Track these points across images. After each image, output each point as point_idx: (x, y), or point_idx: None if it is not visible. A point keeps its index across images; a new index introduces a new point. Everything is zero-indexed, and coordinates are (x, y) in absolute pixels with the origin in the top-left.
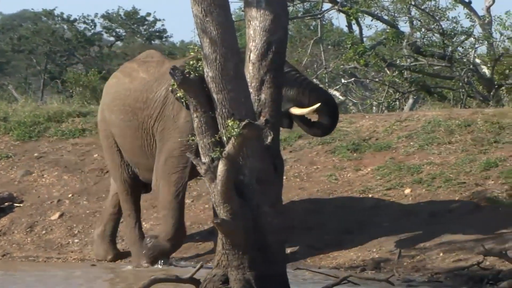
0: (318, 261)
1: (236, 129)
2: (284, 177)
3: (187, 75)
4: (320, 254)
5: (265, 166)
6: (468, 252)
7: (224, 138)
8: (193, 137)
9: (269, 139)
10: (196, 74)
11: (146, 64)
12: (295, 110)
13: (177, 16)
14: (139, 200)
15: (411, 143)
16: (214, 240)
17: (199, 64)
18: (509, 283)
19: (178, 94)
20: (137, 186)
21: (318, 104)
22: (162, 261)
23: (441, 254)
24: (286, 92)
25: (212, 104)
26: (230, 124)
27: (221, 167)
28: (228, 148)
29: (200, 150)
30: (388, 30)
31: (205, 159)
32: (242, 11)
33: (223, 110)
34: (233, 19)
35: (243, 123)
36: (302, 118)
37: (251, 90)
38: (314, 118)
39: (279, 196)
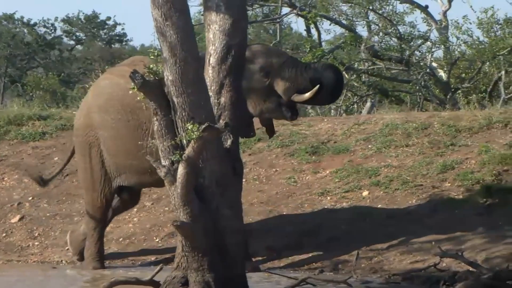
0: (277, 263)
1: (196, 132)
2: (244, 180)
3: (147, 79)
4: (279, 256)
5: (224, 169)
6: (425, 253)
7: (184, 141)
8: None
9: (229, 142)
10: (156, 78)
11: (139, 66)
12: (298, 97)
13: (137, 20)
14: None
15: (369, 146)
16: (174, 242)
17: (159, 67)
18: (465, 284)
19: (138, 98)
20: (112, 200)
21: (317, 87)
22: None
23: (398, 256)
24: (286, 80)
25: (172, 108)
26: (190, 127)
27: (181, 170)
28: (188, 151)
29: (160, 153)
30: (346, 34)
31: (165, 162)
32: (202, 15)
33: (183, 114)
34: (193, 23)
35: (203, 126)
36: (307, 101)
37: (210, 94)
38: None
39: (238, 198)
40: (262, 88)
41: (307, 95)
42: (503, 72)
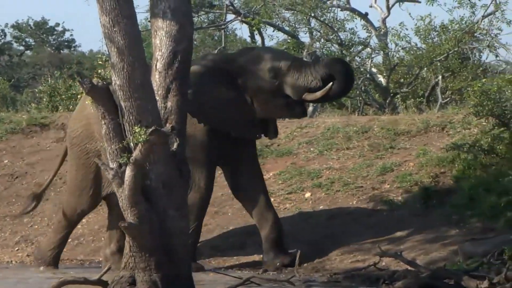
0: (222, 262)
1: (143, 136)
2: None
3: (96, 83)
4: (224, 256)
5: (171, 171)
6: (365, 253)
7: (132, 144)
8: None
9: (175, 145)
10: (104, 82)
11: None
12: (309, 96)
13: (86, 26)
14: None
15: (311, 148)
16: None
17: (107, 72)
18: (404, 283)
19: (86, 102)
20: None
21: (330, 84)
22: None
23: (339, 255)
24: (295, 81)
25: (120, 111)
26: (137, 130)
27: (128, 172)
28: (135, 154)
29: (108, 156)
30: (289, 41)
31: (113, 164)
32: (149, 21)
33: (131, 117)
34: (140, 29)
35: (150, 129)
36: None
37: (157, 98)
38: None
39: (184, 200)
40: (271, 89)
41: (319, 93)
42: (440, 77)
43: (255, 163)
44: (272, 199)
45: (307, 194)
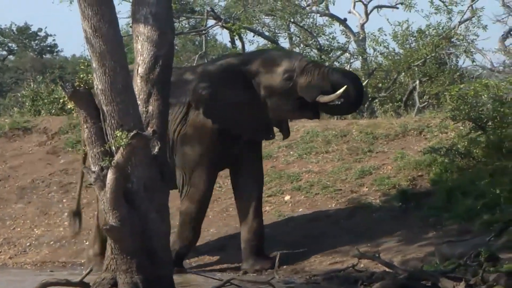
0: (202, 264)
1: (124, 139)
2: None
3: (78, 88)
4: (205, 258)
5: (152, 174)
6: (343, 255)
7: (113, 148)
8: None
9: (156, 148)
10: (86, 87)
11: None
12: (323, 98)
13: (68, 31)
14: None
15: (291, 152)
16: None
17: (89, 77)
18: (381, 284)
19: (69, 106)
20: None
21: (344, 87)
22: None
23: (318, 257)
24: (309, 82)
25: (102, 115)
26: (119, 134)
27: (110, 175)
28: (117, 157)
29: (90, 159)
30: (269, 46)
31: (95, 168)
32: (130, 26)
33: (112, 121)
34: (122, 34)
35: (132, 133)
36: (327, 104)
37: (139, 102)
38: None
39: (165, 203)
40: (285, 91)
41: (333, 95)
42: (417, 82)
43: (257, 165)
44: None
45: (287, 197)
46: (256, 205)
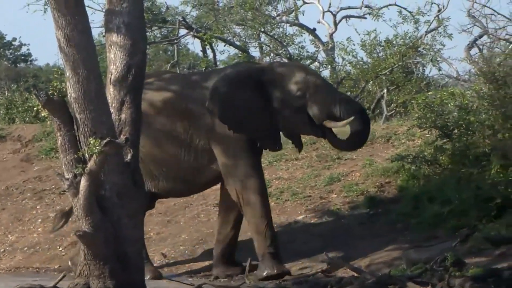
0: (174, 269)
1: (97, 147)
2: None
3: (51, 96)
4: (176, 263)
5: (125, 181)
6: (313, 260)
7: (87, 155)
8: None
9: (129, 156)
10: (60, 95)
11: (169, 78)
12: (330, 123)
13: (42, 40)
14: None
15: (261, 159)
16: (77, 251)
17: (63, 85)
18: None
19: (42, 114)
20: None
21: (352, 118)
22: None
23: (289, 262)
24: (319, 104)
25: (75, 123)
26: (92, 142)
27: (83, 182)
28: (90, 164)
29: (63, 166)
30: (239, 55)
31: (68, 175)
32: (103, 36)
33: (86, 129)
34: (95, 43)
35: (104, 141)
36: (332, 132)
37: (112, 110)
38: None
39: (138, 209)
40: (295, 105)
41: (340, 123)
42: (385, 91)
43: None
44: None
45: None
46: (238, 215)
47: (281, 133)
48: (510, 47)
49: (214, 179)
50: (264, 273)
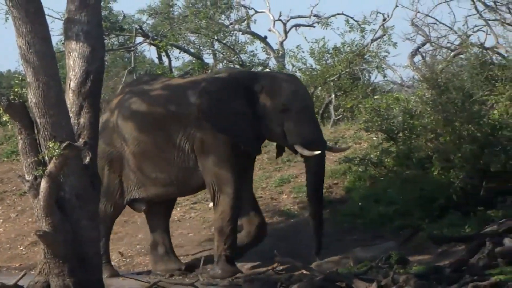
0: (131, 268)
1: (57, 150)
2: (101, 193)
3: (13, 101)
4: (133, 262)
5: (83, 183)
6: (264, 258)
7: (47, 158)
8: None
9: (88, 159)
10: (21, 100)
11: (158, 83)
12: (300, 149)
13: (4, 47)
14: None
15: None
16: (37, 250)
17: (24, 91)
18: (299, 286)
19: (4, 118)
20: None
21: (318, 152)
22: None
23: (240, 260)
24: (297, 128)
25: (36, 127)
26: (51, 145)
27: (43, 184)
28: (50, 167)
29: (24, 169)
30: (194, 62)
31: (29, 177)
32: (63, 43)
33: (46, 133)
34: (55, 50)
35: (64, 144)
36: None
37: (71, 115)
38: None
39: (96, 210)
40: (275, 118)
41: (307, 152)
42: (333, 96)
43: (251, 173)
44: (178, 209)
45: (211, 204)
46: (254, 205)
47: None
48: (451, 55)
49: (203, 182)
50: (218, 274)
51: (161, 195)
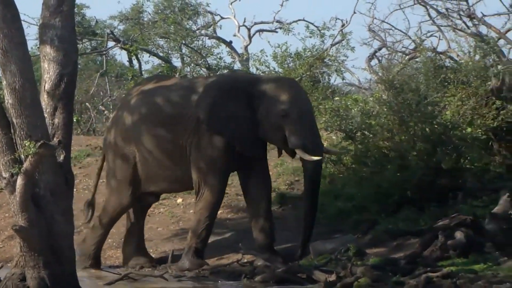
0: (103, 260)
1: (32, 149)
2: (75, 190)
3: None
4: (105, 254)
5: (58, 180)
6: (229, 251)
7: (23, 156)
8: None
9: (62, 157)
10: None
11: (169, 82)
12: (300, 153)
13: None
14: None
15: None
16: (14, 244)
17: (0, 92)
18: (262, 277)
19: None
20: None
21: (319, 158)
22: None
23: (207, 254)
24: (297, 133)
25: (12, 127)
26: (27, 144)
27: (19, 181)
28: (26, 165)
29: (1, 166)
30: (163, 65)
31: (5, 174)
32: (38, 47)
33: (22, 132)
34: (30, 54)
35: (39, 143)
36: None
37: (46, 115)
38: None
39: (70, 206)
40: (275, 123)
41: (307, 157)
42: None
43: (265, 168)
44: None
45: (179, 200)
46: (266, 206)
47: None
48: (406, 58)
49: None
50: (185, 265)
51: (168, 190)
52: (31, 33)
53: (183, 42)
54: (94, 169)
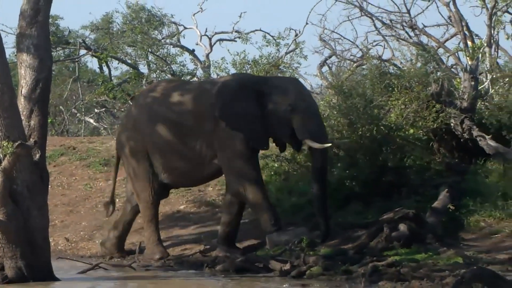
0: (76, 251)
1: (10, 148)
2: (49, 186)
3: None
4: (77, 246)
5: (34, 177)
6: (192, 243)
7: (1, 155)
8: None
9: (37, 156)
10: None
11: (180, 83)
12: (311, 143)
13: None
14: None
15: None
16: None
17: None
18: (223, 266)
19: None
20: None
21: (330, 144)
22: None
23: (171, 245)
24: (304, 124)
25: None
26: (5, 144)
27: None
28: (4, 163)
29: None
30: (131, 71)
31: None
32: (15, 55)
33: (0, 134)
34: (8, 61)
35: (16, 143)
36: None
37: (22, 118)
38: None
39: (45, 201)
40: (283, 118)
41: (317, 145)
42: None
43: None
44: (116, 200)
45: None
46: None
47: None
48: (354, 66)
49: (215, 172)
50: (156, 256)
51: (178, 182)
52: (9, 42)
53: (150, 50)
54: (68, 167)
